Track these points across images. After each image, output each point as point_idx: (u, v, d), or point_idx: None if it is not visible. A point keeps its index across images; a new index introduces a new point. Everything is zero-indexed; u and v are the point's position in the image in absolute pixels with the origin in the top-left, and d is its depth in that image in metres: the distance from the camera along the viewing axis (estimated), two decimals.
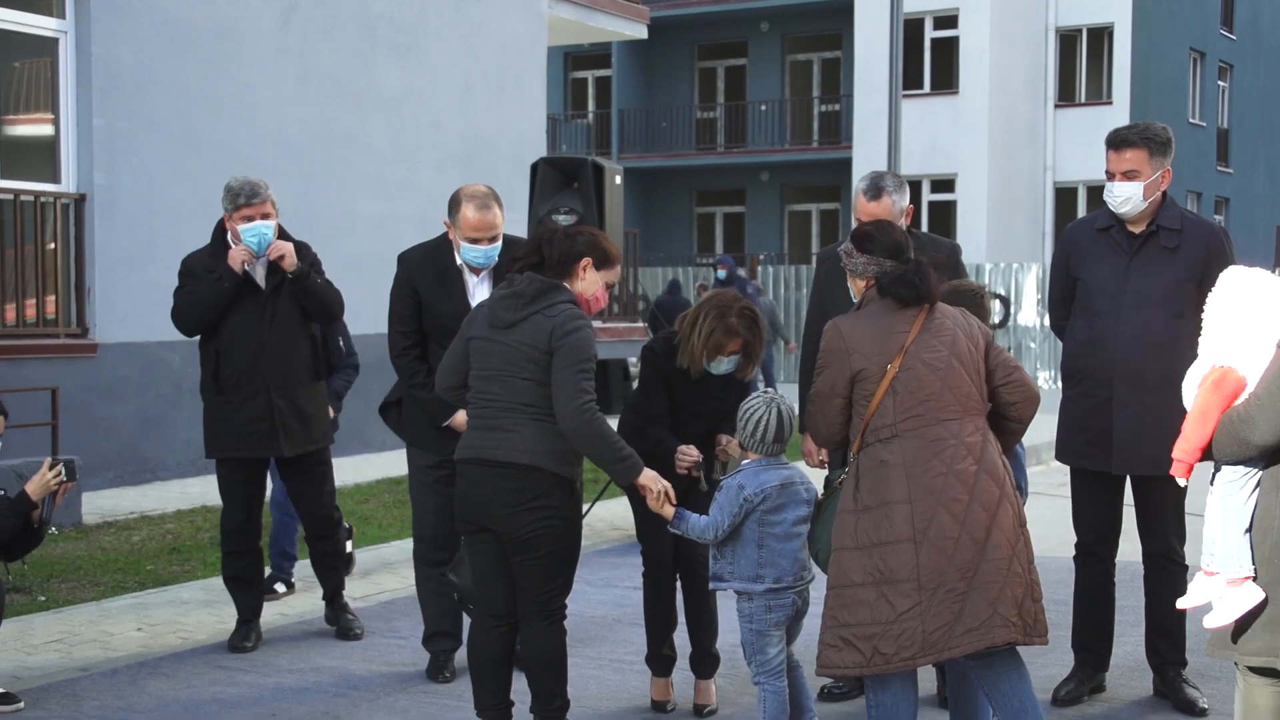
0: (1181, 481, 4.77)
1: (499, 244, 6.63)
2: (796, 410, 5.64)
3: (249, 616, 7.47)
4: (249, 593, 7.48)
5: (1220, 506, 4.58)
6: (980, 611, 4.93)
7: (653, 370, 6.25)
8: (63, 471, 6.18)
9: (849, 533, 5.05)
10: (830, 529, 5.21)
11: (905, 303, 5.10)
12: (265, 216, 7.18)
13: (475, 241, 6.55)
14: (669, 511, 5.52)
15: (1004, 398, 5.16)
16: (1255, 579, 4.48)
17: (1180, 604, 4.93)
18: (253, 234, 7.15)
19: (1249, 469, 4.53)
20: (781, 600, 5.55)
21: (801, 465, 5.74)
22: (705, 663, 6.39)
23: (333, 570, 7.73)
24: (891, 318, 5.10)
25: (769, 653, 5.58)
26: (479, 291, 6.66)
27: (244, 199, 7.15)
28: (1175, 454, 4.64)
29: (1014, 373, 5.18)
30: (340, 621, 7.66)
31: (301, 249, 7.39)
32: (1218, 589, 4.56)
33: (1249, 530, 4.52)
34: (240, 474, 7.36)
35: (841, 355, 5.07)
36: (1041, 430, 5.43)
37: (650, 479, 5.47)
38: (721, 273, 21.79)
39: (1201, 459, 4.62)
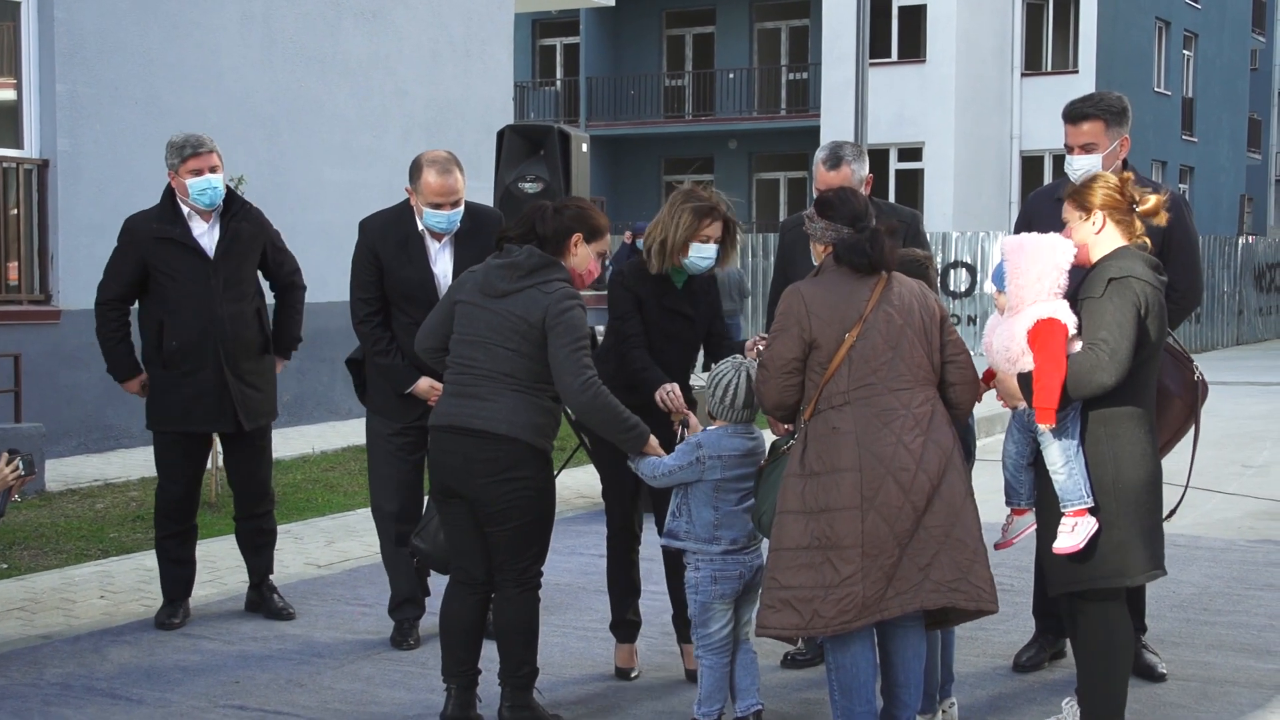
0: (1046, 427, 5.12)
1: (461, 209, 6.62)
2: None
3: (178, 595, 7.33)
4: (182, 571, 7.35)
5: (1058, 448, 5.15)
6: (911, 576, 5.03)
7: (623, 292, 6.23)
8: (20, 466, 6.11)
9: (795, 496, 5.10)
10: (774, 494, 5.26)
11: (859, 270, 5.14)
12: (213, 169, 7.03)
13: (438, 207, 6.53)
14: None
15: (946, 375, 5.21)
16: (1095, 510, 5.14)
17: (1057, 548, 5.21)
18: (202, 189, 7.02)
19: (1074, 409, 5.15)
20: (729, 571, 5.53)
21: (767, 434, 5.74)
22: (688, 626, 6.42)
23: (263, 549, 7.48)
24: (851, 285, 5.14)
25: (711, 627, 5.57)
26: (440, 257, 6.66)
27: (190, 149, 6.99)
28: (1040, 404, 5.06)
29: (962, 355, 5.24)
30: (269, 604, 7.41)
31: (259, 219, 7.29)
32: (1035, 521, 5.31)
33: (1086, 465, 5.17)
34: (181, 447, 7.21)
35: (801, 319, 5.10)
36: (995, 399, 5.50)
37: (654, 447, 5.56)
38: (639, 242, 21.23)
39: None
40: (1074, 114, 6.27)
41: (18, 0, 12.25)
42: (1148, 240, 5.34)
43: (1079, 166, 6.21)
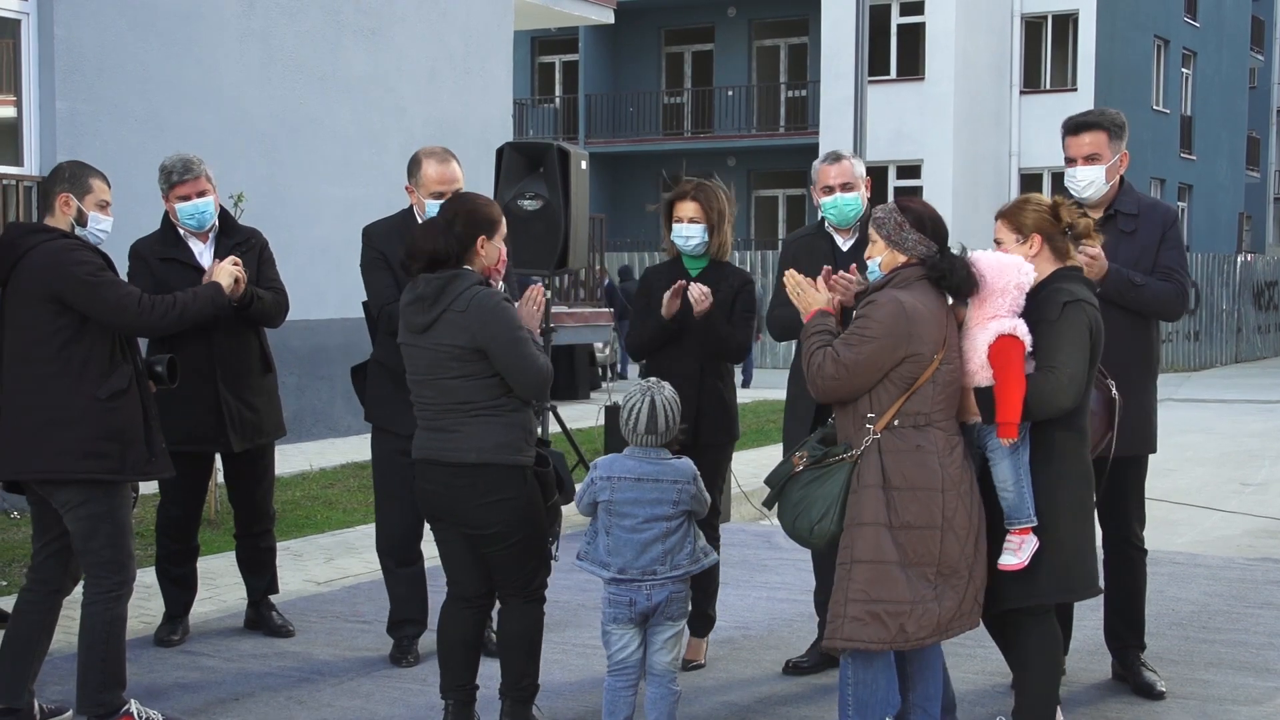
0: (1008, 442, 5.16)
1: None
2: (679, 404, 5.55)
3: (178, 612, 7.36)
4: (182, 589, 7.37)
5: (1009, 465, 5.20)
6: (971, 598, 5.16)
7: (644, 287, 6.85)
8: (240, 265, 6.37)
9: (874, 509, 5.07)
10: (830, 502, 5.17)
11: (956, 294, 5.15)
12: (202, 194, 7.04)
13: (440, 196, 6.53)
14: None
15: None
16: (1037, 529, 5.20)
17: (1003, 565, 5.26)
18: (190, 214, 7.04)
19: (1025, 429, 5.20)
20: (620, 596, 5.45)
21: (674, 462, 5.60)
22: (700, 621, 6.65)
23: (264, 567, 7.50)
24: (938, 304, 5.15)
25: (610, 649, 5.54)
26: None
27: (177, 176, 7.02)
28: (1004, 418, 5.12)
29: None
30: (268, 621, 7.44)
31: (251, 235, 7.30)
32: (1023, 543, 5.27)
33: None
34: (181, 468, 7.00)
35: (902, 336, 5.04)
36: None
37: None
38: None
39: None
40: (1076, 125, 6.29)
41: (18, 18, 12.27)
42: (1080, 264, 5.45)
43: (1083, 178, 6.22)
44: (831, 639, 5.17)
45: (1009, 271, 5.22)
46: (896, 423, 5.09)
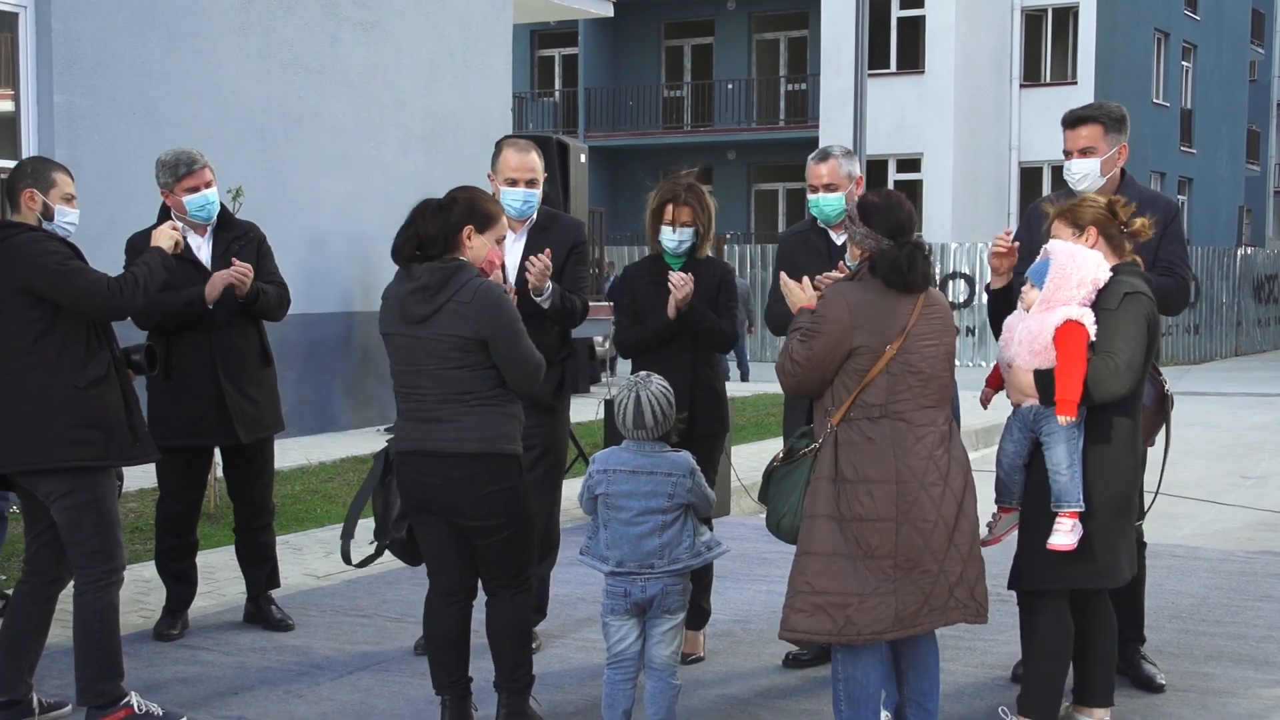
0: (1065, 420, 5.22)
1: (536, 194, 6.71)
2: (670, 396, 5.51)
3: (178, 607, 7.35)
4: (182, 584, 7.36)
5: (1065, 449, 5.29)
6: (942, 593, 5.10)
7: (620, 284, 6.86)
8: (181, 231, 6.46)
9: (826, 501, 5.09)
10: (794, 495, 5.24)
11: (892, 288, 5.11)
12: (208, 185, 7.03)
13: (513, 183, 6.60)
14: None
15: None
16: (1083, 515, 5.29)
17: (1053, 545, 5.33)
18: (200, 206, 7.03)
19: (1082, 414, 5.28)
20: (615, 587, 5.43)
21: (675, 456, 5.57)
22: (694, 615, 6.53)
23: (264, 561, 7.47)
24: (894, 295, 5.12)
25: (610, 639, 5.51)
26: (513, 249, 6.68)
27: (184, 169, 6.99)
28: (1064, 396, 5.20)
29: None
30: (268, 615, 7.42)
31: (249, 229, 7.30)
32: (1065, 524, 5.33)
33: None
34: (181, 462, 7.14)
35: (844, 327, 5.06)
36: (998, 410, 5.54)
37: None
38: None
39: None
40: (1073, 118, 6.33)
41: (15, 11, 12.25)
42: (1138, 259, 5.54)
43: (1077, 171, 6.25)
44: (781, 631, 5.22)
45: (1088, 266, 5.32)
46: (852, 415, 5.10)
